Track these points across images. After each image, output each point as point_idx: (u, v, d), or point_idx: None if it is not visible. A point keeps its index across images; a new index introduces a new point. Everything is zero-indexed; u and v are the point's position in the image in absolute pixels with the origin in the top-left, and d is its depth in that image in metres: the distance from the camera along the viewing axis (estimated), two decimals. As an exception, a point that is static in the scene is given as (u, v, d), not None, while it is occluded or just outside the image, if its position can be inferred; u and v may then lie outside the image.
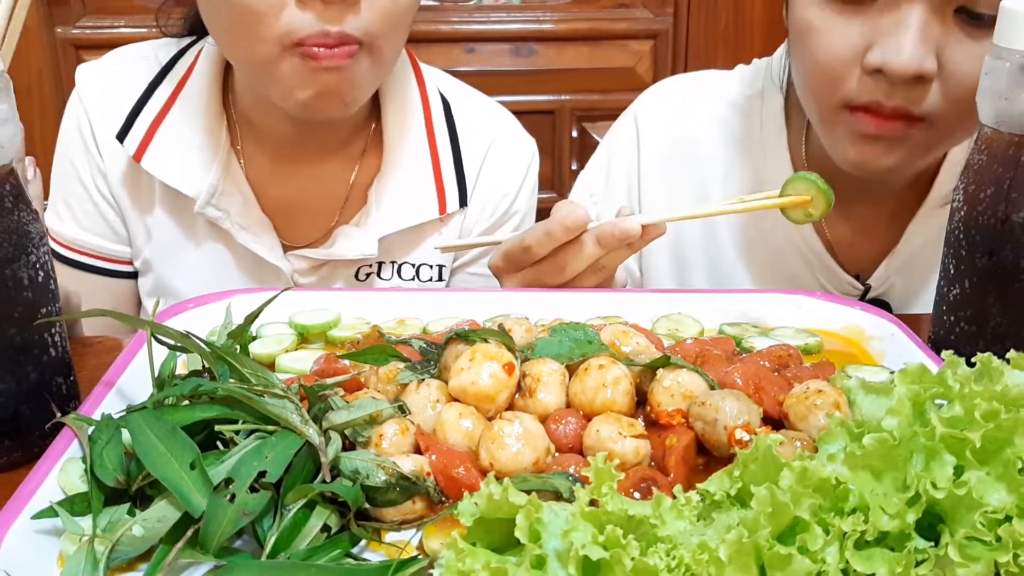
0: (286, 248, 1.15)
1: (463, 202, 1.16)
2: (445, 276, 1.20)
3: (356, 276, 1.16)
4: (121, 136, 1.10)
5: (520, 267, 0.93)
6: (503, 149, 1.20)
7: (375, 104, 1.16)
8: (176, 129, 1.11)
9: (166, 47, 1.17)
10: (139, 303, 1.23)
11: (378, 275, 1.17)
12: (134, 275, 1.22)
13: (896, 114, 0.93)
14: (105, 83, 1.15)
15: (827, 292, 1.12)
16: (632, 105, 1.24)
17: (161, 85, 1.13)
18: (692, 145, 1.19)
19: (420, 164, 1.15)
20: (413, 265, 1.18)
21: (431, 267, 1.18)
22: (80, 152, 1.15)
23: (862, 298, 1.12)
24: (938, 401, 0.57)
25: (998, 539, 0.50)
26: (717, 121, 1.18)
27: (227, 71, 1.13)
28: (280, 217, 1.14)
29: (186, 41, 1.17)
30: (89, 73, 1.16)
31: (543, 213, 0.92)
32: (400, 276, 1.18)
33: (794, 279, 1.14)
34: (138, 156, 1.10)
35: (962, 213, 0.82)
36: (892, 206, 1.13)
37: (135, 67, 1.15)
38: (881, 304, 1.12)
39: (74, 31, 2.24)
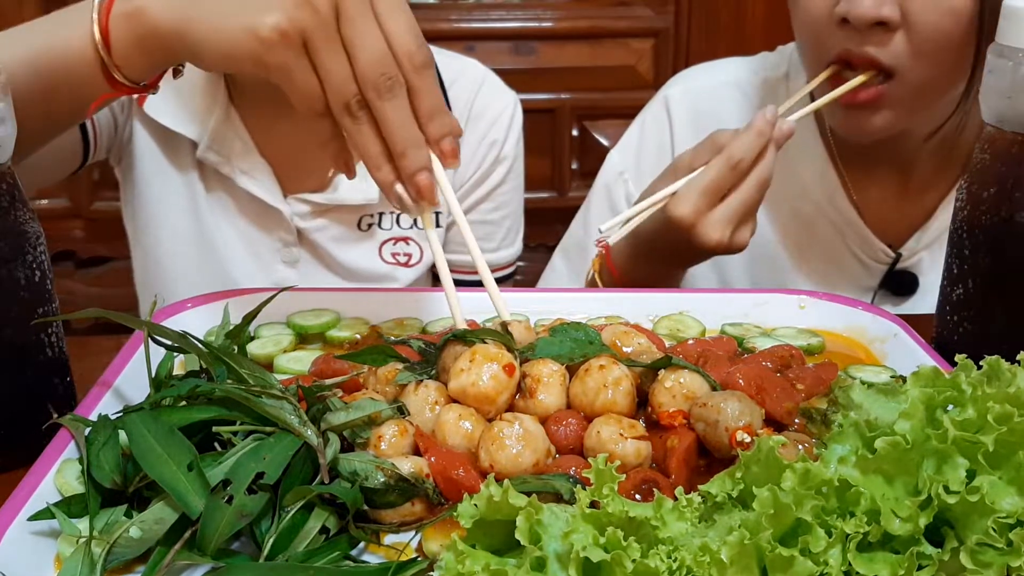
0: (287, 194, 1.21)
1: None
2: (443, 222, 1.26)
3: (359, 226, 1.22)
4: None
5: (724, 193, 0.96)
6: (488, 98, 1.28)
7: None
8: (176, 82, 1.15)
9: None
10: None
11: (379, 225, 1.23)
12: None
13: (865, 61, 0.99)
14: None
15: (859, 260, 1.18)
16: (661, 89, 1.29)
17: None
18: (722, 125, 1.22)
19: None
20: None
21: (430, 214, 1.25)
22: None
23: (891, 268, 1.17)
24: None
25: (1009, 544, 0.49)
26: (744, 103, 1.24)
27: None
28: (279, 165, 1.20)
29: None
30: None
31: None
32: (399, 225, 1.24)
33: (828, 249, 1.19)
34: (140, 100, 1.15)
35: (965, 212, 0.82)
36: (920, 176, 1.16)
37: None
38: (909, 277, 1.16)
39: (73, 30, 2.24)
